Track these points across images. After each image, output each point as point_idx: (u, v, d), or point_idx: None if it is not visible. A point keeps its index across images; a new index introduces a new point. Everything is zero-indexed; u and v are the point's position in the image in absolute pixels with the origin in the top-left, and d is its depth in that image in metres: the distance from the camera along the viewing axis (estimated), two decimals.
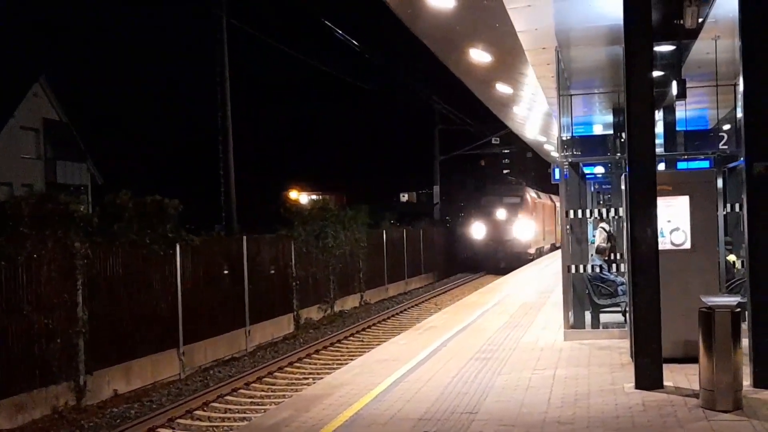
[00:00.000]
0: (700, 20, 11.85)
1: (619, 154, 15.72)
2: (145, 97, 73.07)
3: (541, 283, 27.89)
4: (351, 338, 22.92)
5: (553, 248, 54.62)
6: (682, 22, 11.60)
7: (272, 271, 24.81)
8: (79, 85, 64.53)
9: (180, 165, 60.14)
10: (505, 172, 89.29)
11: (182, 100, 72.21)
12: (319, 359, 19.97)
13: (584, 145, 16.32)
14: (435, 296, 34.47)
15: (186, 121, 63.26)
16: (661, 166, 15.51)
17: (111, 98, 66.55)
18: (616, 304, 14.75)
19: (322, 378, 14.91)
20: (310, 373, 18.16)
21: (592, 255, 16.69)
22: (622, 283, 14.40)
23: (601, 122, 21.50)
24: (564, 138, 15.48)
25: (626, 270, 12.09)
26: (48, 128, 47.93)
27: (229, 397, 15.95)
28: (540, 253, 50.91)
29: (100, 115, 59.36)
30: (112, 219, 18.21)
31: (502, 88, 21.27)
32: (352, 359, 17.05)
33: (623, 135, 13.02)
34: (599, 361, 12.28)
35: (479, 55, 17.03)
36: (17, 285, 14.67)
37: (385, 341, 18.30)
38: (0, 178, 42.52)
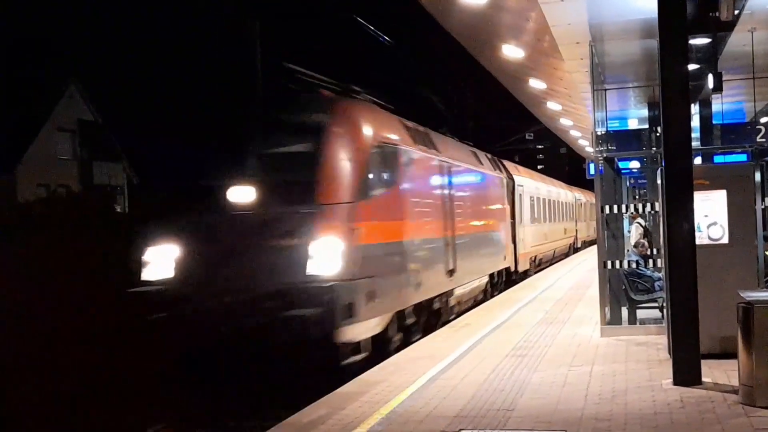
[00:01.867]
0: (736, 12, 11.75)
1: (654, 149, 15.60)
2: (178, 96, 73.49)
3: None
4: None
5: (504, 280, 25.53)
6: (717, 14, 11.49)
7: None
8: (111, 85, 65.07)
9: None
10: (539, 167, 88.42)
11: (213, 98, 72.46)
12: None
13: (619, 139, 16.21)
14: None
15: (218, 118, 63.43)
16: (698, 160, 15.39)
17: (143, 98, 67.00)
18: (653, 300, 14.64)
19: (357, 375, 14.93)
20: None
21: (628, 251, 16.57)
22: (659, 279, 14.29)
23: (636, 116, 21.39)
24: (599, 133, 15.38)
25: (663, 265, 12.01)
26: (83, 129, 48.53)
27: None
28: (431, 318, 17.08)
29: (134, 115, 59.79)
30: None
31: (535, 83, 21.19)
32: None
33: (659, 129, 12.93)
34: (636, 357, 12.18)
35: (511, 51, 16.97)
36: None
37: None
38: (38, 179, 43.11)
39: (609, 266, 14.40)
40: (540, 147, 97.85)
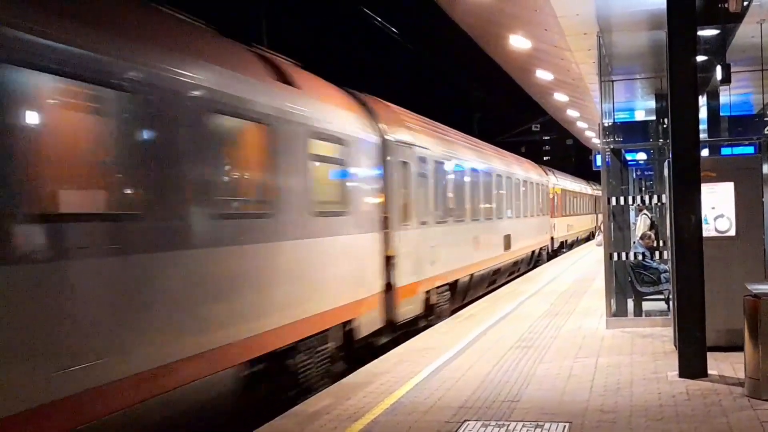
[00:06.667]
0: (745, 4, 11.71)
1: (661, 140, 15.57)
2: None
3: None
4: None
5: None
6: (726, 5, 11.45)
7: None
8: None
9: None
10: (545, 159, 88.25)
11: None
12: None
13: (626, 131, 16.20)
14: None
15: None
16: (705, 152, 15.35)
17: None
18: (659, 292, 14.61)
19: (362, 366, 14.93)
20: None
21: (634, 242, 16.54)
22: (665, 271, 14.27)
23: (644, 108, 21.33)
24: (606, 124, 15.34)
25: (669, 257, 11.98)
26: None
27: None
28: None
29: None
30: None
31: (542, 74, 21.12)
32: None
33: (666, 121, 12.88)
34: (642, 349, 12.16)
35: (519, 42, 16.92)
36: None
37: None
38: None
39: (615, 258, 14.38)
40: (546, 138, 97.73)
